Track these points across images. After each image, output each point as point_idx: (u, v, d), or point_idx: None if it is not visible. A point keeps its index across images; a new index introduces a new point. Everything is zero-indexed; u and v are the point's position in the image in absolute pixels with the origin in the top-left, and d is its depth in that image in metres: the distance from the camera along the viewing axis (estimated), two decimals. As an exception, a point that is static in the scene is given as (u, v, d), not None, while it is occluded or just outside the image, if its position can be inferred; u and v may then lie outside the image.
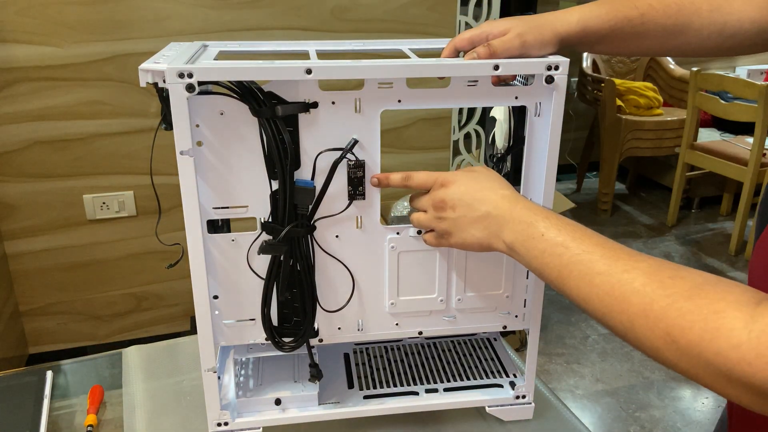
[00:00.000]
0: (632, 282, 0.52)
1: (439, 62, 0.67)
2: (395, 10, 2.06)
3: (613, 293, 0.53)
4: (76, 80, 1.87)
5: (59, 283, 2.06)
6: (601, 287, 0.54)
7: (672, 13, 0.71)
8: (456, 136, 2.23)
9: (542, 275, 0.61)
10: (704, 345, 0.45)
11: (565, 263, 0.58)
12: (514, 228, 0.63)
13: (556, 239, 0.59)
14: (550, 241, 0.60)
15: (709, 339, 0.45)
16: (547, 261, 0.60)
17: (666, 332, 0.48)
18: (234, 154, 0.68)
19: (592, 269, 0.55)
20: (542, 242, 0.60)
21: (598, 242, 0.58)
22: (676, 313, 0.48)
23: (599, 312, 0.55)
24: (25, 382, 0.91)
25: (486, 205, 0.65)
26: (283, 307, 0.76)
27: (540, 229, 0.61)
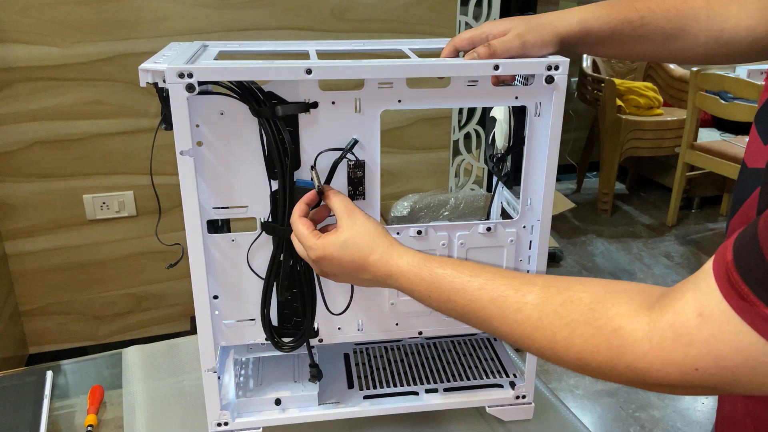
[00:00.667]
0: (528, 319, 0.53)
1: (439, 62, 0.67)
2: (395, 10, 2.06)
3: (516, 333, 0.55)
4: (76, 80, 1.87)
5: (59, 283, 2.06)
6: (503, 329, 0.56)
7: (671, 17, 0.71)
8: (456, 136, 2.23)
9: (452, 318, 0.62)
10: (614, 363, 0.48)
11: (460, 314, 0.59)
12: (403, 287, 0.64)
13: (441, 297, 0.60)
14: (437, 299, 0.61)
15: (617, 356, 0.47)
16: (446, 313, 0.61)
17: (577, 358, 0.50)
18: (234, 154, 0.68)
19: (487, 315, 0.57)
20: (432, 301, 0.61)
21: (481, 285, 0.58)
22: (579, 340, 0.50)
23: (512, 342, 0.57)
24: (25, 382, 0.91)
25: (365, 274, 0.65)
26: (283, 308, 0.76)
27: (423, 293, 0.62)
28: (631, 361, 0.47)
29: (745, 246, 0.42)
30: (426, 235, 0.74)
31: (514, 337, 0.55)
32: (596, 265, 2.94)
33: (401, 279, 0.63)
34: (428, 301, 0.62)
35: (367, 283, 0.67)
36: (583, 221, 3.42)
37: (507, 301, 0.55)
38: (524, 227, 0.76)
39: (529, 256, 0.77)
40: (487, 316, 0.56)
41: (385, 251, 0.65)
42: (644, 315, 0.47)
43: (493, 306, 0.56)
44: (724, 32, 0.71)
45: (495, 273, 0.58)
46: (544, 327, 0.52)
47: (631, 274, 2.86)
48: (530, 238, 0.76)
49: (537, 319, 0.53)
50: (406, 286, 0.63)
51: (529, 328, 0.53)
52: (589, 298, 0.51)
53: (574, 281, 0.54)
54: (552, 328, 0.52)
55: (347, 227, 0.66)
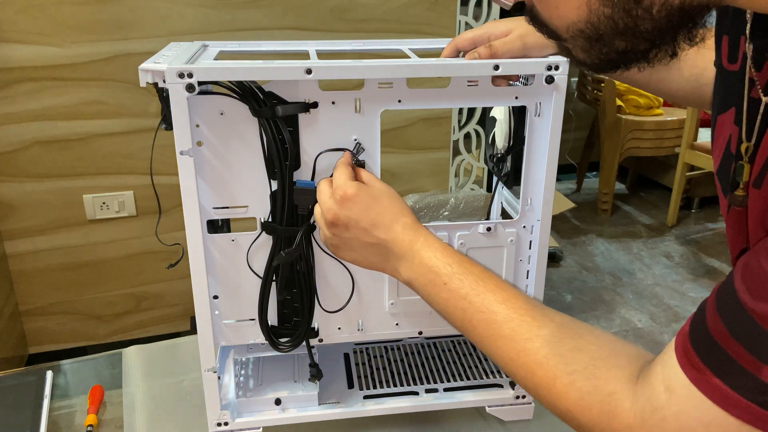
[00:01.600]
0: (536, 353, 0.53)
1: (439, 62, 0.67)
2: (395, 10, 2.06)
3: (517, 360, 0.54)
4: (76, 80, 1.87)
5: (59, 283, 2.06)
6: (506, 352, 0.55)
7: None
8: (456, 136, 2.23)
9: (445, 318, 0.61)
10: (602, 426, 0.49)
11: (468, 319, 0.57)
12: (414, 268, 0.61)
13: (460, 291, 0.58)
14: (453, 292, 0.58)
15: (606, 420, 0.48)
16: (450, 311, 0.59)
17: (567, 409, 0.51)
18: (234, 154, 0.68)
19: (497, 332, 0.55)
20: (445, 291, 0.59)
21: (503, 298, 0.56)
22: (576, 393, 0.50)
23: (505, 369, 0.56)
24: (25, 382, 0.91)
25: (384, 233, 0.62)
26: (283, 307, 0.76)
27: (442, 276, 0.59)
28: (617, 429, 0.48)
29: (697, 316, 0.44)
30: (426, 235, 0.74)
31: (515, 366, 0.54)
32: (596, 265, 2.94)
33: (425, 253, 0.60)
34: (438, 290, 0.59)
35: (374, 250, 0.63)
36: (583, 221, 3.42)
37: (522, 325, 0.54)
38: (524, 227, 0.76)
39: (529, 256, 0.77)
40: (497, 333, 0.55)
41: (416, 222, 0.63)
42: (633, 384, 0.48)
43: (507, 325, 0.55)
44: (707, 72, 0.72)
45: (518, 294, 0.57)
46: (548, 366, 0.52)
47: (631, 274, 2.86)
48: (530, 238, 0.76)
49: (544, 356, 0.53)
50: (426, 261, 0.60)
51: (533, 363, 0.53)
52: (596, 353, 0.52)
53: (588, 330, 0.54)
54: (555, 371, 0.52)
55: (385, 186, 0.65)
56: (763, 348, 0.40)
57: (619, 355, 0.51)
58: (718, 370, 0.42)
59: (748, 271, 0.41)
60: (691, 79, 0.73)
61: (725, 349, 0.41)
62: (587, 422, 0.50)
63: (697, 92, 0.74)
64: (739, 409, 0.41)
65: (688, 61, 0.73)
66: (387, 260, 0.63)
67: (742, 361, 0.40)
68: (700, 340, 0.44)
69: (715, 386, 0.42)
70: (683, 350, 0.45)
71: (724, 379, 0.42)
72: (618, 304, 2.62)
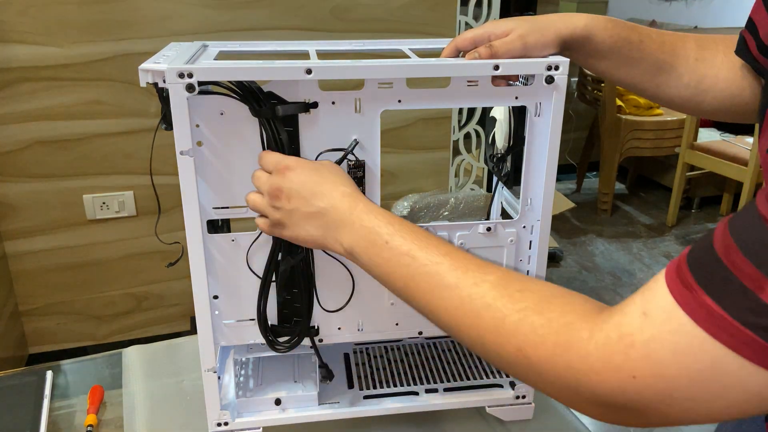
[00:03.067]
0: (483, 296, 0.51)
1: (439, 62, 0.67)
2: (395, 10, 2.06)
3: (463, 308, 0.52)
4: (76, 80, 1.87)
5: (59, 283, 2.06)
6: (450, 301, 0.53)
7: (666, 49, 0.72)
8: (456, 136, 2.23)
9: (386, 283, 0.59)
10: (555, 359, 0.46)
11: (411, 274, 0.56)
12: (355, 231, 0.59)
13: (401, 248, 0.56)
14: (395, 250, 0.56)
15: (560, 353, 0.45)
16: (392, 270, 0.57)
17: (518, 348, 0.48)
18: (234, 154, 0.68)
19: (441, 282, 0.54)
20: (386, 250, 0.57)
21: (446, 251, 0.55)
22: (528, 328, 0.48)
23: (448, 325, 0.54)
24: (25, 382, 0.91)
25: (323, 201, 0.61)
26: (283, 307, 0.76)
27: (383, 236, 0.57)
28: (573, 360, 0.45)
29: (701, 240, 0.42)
30: (426, 235, 0.74)
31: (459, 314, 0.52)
32: (596, 265, 2.94)
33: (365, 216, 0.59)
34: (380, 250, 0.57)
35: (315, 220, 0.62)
36: (583, 221, 3.42)
37: (467, 272, 0.53)
38: (524, 227, 0.76)
39: (529, 256, 0.77)
40: (440, 283, 0.53)
41: (356, 191, 0.63)
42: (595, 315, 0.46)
43: (452, 274, 0.53)
44: (706, 79, 0.73)
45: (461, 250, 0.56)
46: (496, 307, 0.50)
47: (631, 274, 2.86)
48: (530, 238, 0.76)
49: (492, 297, 0.50)
50: (366, 223, 0.58)
51: (480, 305, 0.50)
52: (547, 292, 0.50)
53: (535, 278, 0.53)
54: (504, 311, 0.49)
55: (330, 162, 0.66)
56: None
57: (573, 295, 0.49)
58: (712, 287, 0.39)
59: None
60: (690, 85, 0.73)
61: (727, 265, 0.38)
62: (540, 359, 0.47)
63: (695, 99, 0.74)
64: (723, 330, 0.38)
65: (688, 67, 0.73)
66: (328, 230, 0.62)
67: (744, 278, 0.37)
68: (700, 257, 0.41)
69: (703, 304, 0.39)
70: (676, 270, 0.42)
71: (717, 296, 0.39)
72: (618, 304, 2.62)
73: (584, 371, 0.44)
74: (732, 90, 0.72)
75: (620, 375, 0.42)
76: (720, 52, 0.73)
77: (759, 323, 0.37)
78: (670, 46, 0.73)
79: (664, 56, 0.72)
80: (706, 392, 0.40)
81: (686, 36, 0.74)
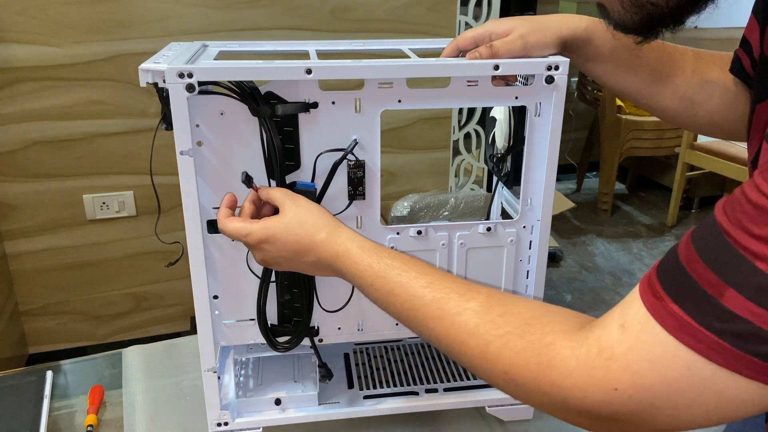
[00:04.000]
0: (466, 325, 0.53)
1: (439, 62, 0.67)
2: (395, 10, 2.06)
3: (450, 336, 0.54)
4: (76, 80, 1.87)
5: (59, 283, 2.06)
6: (437, 330, 0.55)
7: (665, 59, 0.73)
8: (456, 136, 2.23)
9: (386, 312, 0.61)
10: (540, 380, 0.47)
11: (398, 310, 0.58)
12: (347, 277, 0.62)
13: (384, 288, 0.59)
14: (380, 291, 0.59)
15: (544, 373, 0.47)
16: (383, 306, 0.60)
17: (504, 371, 0.50)
18: (234, 154, 0.68)
19: (426, 315, 0.56)
20: (373, 291, 0.60)
21: (427, 282, 0.57)
22: (510, 352, 0.49)
23: (442, 348, 0.56)
24: (25, 382, 0.91)
25: (309, 256, 0.63)
26: (283, 307, 0.76)
27: (367, 279, 0.60)
28: (557, 379, 0.46)
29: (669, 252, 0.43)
30: (426, 235, 0.74)
31: (448, 342, 0.54)
32: (596, 265, 2.94)
33: (347, 262, 0.61)
34: (369, 290, 0.60)
35: (312, 267, 0.65)
36: (583, 221, 3.42)
37: (449, 303, 0.54)
38: (524, 227, 0.76)
39: (529, 256, 0.77)
40: (426, 315, 0.55)
41: (333, 231, 0.63)
42: (575, 332, 0.47)
43: (434, 305, 0.55)
44: (701, 93, 0.73)
45: (443, 275, 0.58)
46: (479, 335, 0.51)
47: (631, 274, 2.86)
48: (530, 238, 0.76)
49: (474, 325, 0.52)
50: (350, 269, 0.61)
51: (464, 334, 0.52)
52: (528, 314, 0.51)
53: (518, 298, 0.54)
54: (486, 337, 0.51)
55: (291, 209, 0.64)
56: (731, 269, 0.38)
57: (553, 313, 0.50)
58: (678, 295, 0.40)
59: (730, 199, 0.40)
60: (685, 98, 0.73)
61: (690, 274, 0.40)
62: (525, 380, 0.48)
63: (690, 111, 0.74)
64: (692, 336, 0.39)
65: (685, 79, 0.73)
66: (325, 272, 0.65)
67: (705, 285, 0.39)
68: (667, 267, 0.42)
69: (672, 312, 0.40)
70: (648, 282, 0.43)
71: (682, 304, 0.40)
72: (618, 304, 2.62)
73: (569, 388, 0.45)
74: (725, 106, 0.73)
75: (603, 389, 0.43)
76: (716, 67, 0.73)
77: (724, 328, 0.38)
78: (669, 56, 0.73)
79: (662, 66, 0.73)
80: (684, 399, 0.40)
81: (685, 49, 0.74)
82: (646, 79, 0.73)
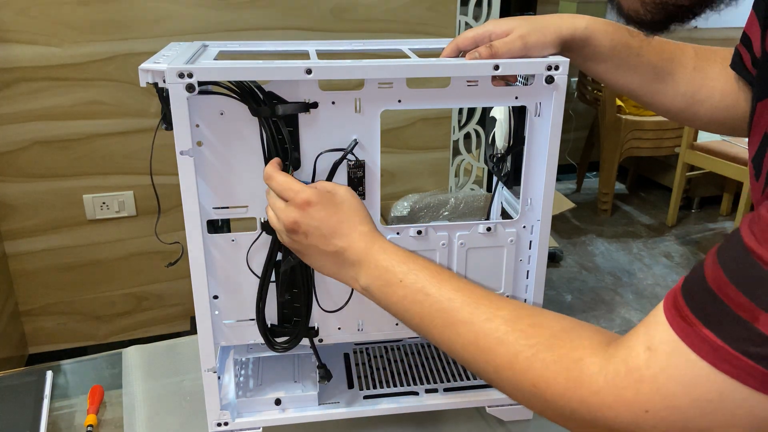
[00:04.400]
0: (495, 332, 0.52)
1: (439, 62, 0.67)
2: (395, 10, 2.06)
3: (477, 343, 0.53)
4: (76, 80, 1.87)
5: (59, 283, 2.06)
6: (465, 336, 0.54)
7: (665, 57, 0.73)
8: (456, 136, 2.23)
9: (403, 320, 0.59)
10: (569, 395, 0.46)
11: (426, 311, 0.57)
12: (370, 272, 0.60)
13: (415, 285, 0.57)
14: (409, 288, 0.58)
15: (573, 389, 0.46)
16: (407, 307, 0.58)
17: (532, 384, 0.49)
18: (234, 154, 0.68)
19: (455, 318, 0.54)
20: (401, 288, 0.58)
21: (458, 287, 0.56)
22: (540, 364, 0.49)
23: (465, 359, 0.55)
24: (25, 382, 0.91)
25: (341, 241, 0.61)
26: (283, 308, 0.76)
27: (398, 275, 0.58)
28: (586, 396, 0.45)
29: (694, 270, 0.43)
30: (426, 235, 0.74)
31: (474, 348, 0.53)
32: (596, 265, 2.94)
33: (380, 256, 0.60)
34: (395, 288, 0.58)
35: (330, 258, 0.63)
36: (583, 221, 3.42)
37: (480, 308, 0.54)
38: (524, 227, 0.76)
39: (529, 256, 0.77)
40: (455, 319, 0.55)
41: (374, 229, 0.63)
42: (603, 350, 0.46)
43: (465, 310, 0.54)
44: (702, 89, 0.73)
45: (473, 284, 0.57)
46: (509, 342, 0.51)
47: (631, 274, 2.86)
48: (530, 238, 0.76)
49: (504, 333, 0.51)
50: (381, 264, 0.59)
51: (493, 341, 0.52)
52: (557, 327, 0.51)
53: (545, 311, 0.54)
54: (516, 346, 0.50)
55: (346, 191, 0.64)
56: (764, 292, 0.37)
57: (582, 328, 0.50)
58: (710, 320, 0.40)
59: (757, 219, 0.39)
60: (686, 95, 0.73)
61: (721, 298, 0.39)
62: (554, 395, 0.47)
63: (691, 109, 0.74)
64: (726, 361, 0.39)
65: (686, 77, 0.73)
66: (343, 267, 0.63)
67: (738, 309, 0.38)
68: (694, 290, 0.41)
69: (704, 337, 0.40)
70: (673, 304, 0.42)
71: (716, 329, 0.39)
72: (618, 304, 2.62)
73: (597, 406, 0.45)
74: (727, 102, 0.72)
75: (633, 409, 0.43)
76: (718, 63, 0.73)
77: (759, 353, 0.38)
78: (670, 54, 0.73)
79: (663, 64, 0.72)
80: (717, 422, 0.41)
81: (686, 45, 0.74)
82: (646, 77, 0.73)
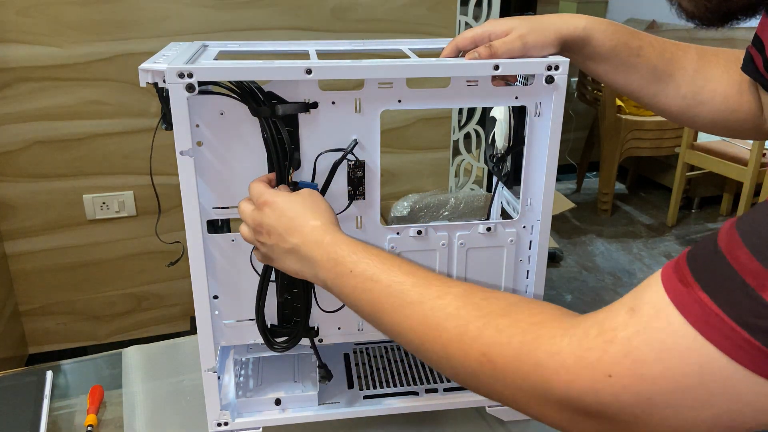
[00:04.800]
0: (446, 307, 0.49)
1: (439, 62, 0.67)
2: (395, 10, 2.06)
3: (426, 321, 0.50)
4: (76, 80, 1.87)
5: (59, 283, 2.06)
6: (414, 317, 0.51)
7: (666, 58, 0.72)
8: (456, 136, 2.23)
9: (358, 311, 0.58)
10: (522, 358, 0.43)
11: (376, 297, 0.55)
12: (324, 266, 0.59)
13: (365, 273, 0.56)
14: (359, 277, 0.56)
15: (528, 351, 0.42)
16: (359, 297, 0.56)
17: (482, 353, 0.45)
18: (234, 154, 0.68)
19: (404, 299, 0.53)
20: (352, 279, 0.57)
21: (409, 271, 0.55)
22: (492, 330, 0.45)
23: (414, 343, 0.52)
24: (25, 382, 0.91)
25: (295, 237, 0.61)
26: (282, 308, 0.76)
27: (347, 265, 0.57)
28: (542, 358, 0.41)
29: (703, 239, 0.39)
30: (426, 235, 0.74)
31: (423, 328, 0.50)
32: (596, 265, 2.94)
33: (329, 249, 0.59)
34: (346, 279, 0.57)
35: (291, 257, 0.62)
36: (583, 221, 3.42)
37: (431, 288, 0.52)
38: (524, 227, 0.76)
39: (529, 256, 0.77)
40: (404, 301, 0.52)
41: (329, 224, 0.62)
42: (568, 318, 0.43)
43: (415, 290, 0.52)
44: (704, 91, 0.72)
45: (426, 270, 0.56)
46: (459, 316, 0.48)
47: (631, 274, 2.86)
48: (530, 238, 0.76)
49: (455, 308, 0.49)
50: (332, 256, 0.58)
51: (443, 317, 0.49)
52: (513, 299, 0.48)
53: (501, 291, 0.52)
54: (467, 318, 0.47)
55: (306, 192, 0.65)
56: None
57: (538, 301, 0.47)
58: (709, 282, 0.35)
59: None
60: (687, 96, 0.73)
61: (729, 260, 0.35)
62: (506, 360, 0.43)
63: (692, 110, 0.74)
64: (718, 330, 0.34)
65: (687, 78, 0.73)
66: (304, 265, 0.62)
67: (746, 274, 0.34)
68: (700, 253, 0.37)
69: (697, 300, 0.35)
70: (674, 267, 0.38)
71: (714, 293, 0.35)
72: (618, 304, 2.62)
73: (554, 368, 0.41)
74: (729, 104, 0.72)
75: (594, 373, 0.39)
76: (720, 65, 0.72)
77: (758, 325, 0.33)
78: (671, 55, 0.73)
79: (663, 65, 0.72)
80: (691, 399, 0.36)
81: (688, 46, 0.74)
82: (647, 78, 0.73)
